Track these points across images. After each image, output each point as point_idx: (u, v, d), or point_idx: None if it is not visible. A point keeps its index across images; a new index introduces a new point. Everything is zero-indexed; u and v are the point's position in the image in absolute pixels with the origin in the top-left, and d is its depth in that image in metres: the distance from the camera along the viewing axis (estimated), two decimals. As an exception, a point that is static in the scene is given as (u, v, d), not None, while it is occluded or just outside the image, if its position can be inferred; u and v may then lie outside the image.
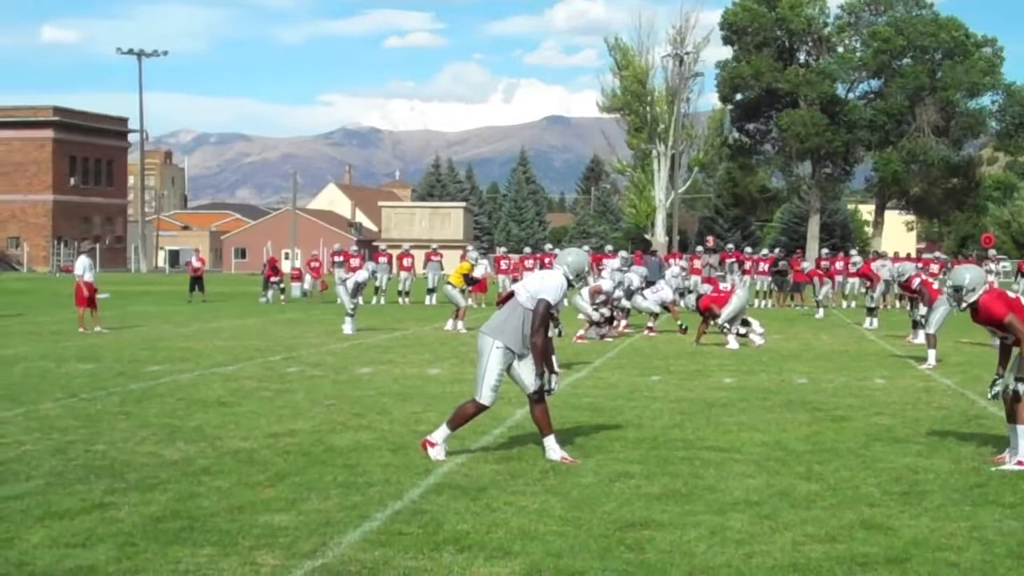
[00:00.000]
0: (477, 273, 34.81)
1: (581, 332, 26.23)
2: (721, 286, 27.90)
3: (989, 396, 11.70)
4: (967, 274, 11.68)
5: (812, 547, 7.96)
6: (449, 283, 29.52)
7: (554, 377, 11.22)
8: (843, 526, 8.51)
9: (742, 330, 25.36)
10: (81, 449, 11.30)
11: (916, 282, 24.46)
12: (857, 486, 9.88)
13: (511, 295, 11.33)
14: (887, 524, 8.58)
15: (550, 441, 11.02)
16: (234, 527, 8.30)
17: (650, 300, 28.96)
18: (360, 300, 28.54)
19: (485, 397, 10.98)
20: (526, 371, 11.09)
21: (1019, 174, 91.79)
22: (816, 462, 10.92)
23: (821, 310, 38.26)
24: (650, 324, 28.93)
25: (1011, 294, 11.73)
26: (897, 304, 40.52)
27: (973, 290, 11.48)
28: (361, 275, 28.99)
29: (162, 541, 7.93)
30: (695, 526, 8.44)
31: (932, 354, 21.07)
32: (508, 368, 11.09)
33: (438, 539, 8.04)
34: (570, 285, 11.33)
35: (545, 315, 10.97)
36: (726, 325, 25.08)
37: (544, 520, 8.56)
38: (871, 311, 33.25)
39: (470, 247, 34.53)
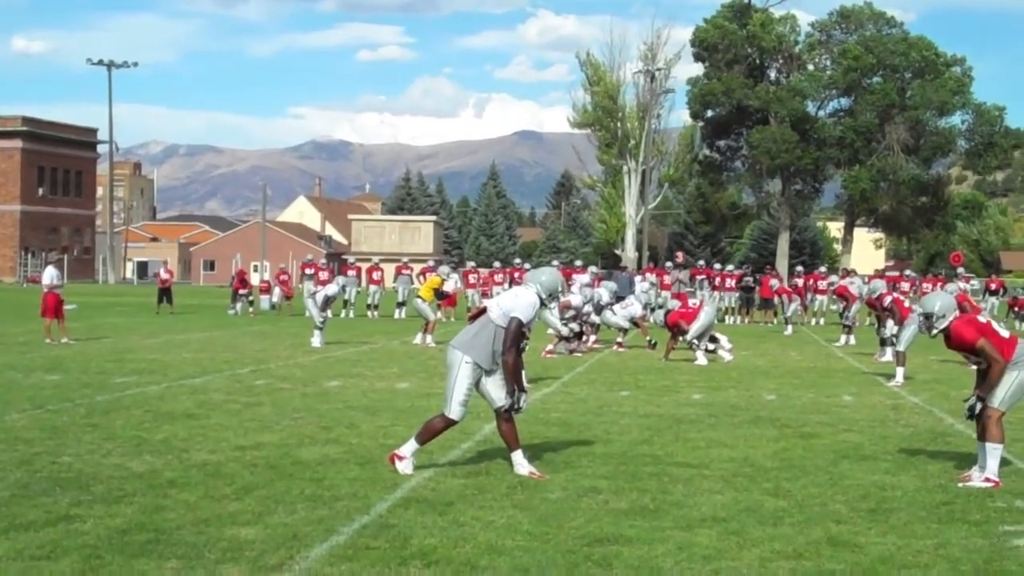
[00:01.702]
0: (447, 287, 34.71)
1: (550, 347, 26.21)
2: (691, 302, 27.91)
3: (964, 417, 11.74)
4: (937, 301, 11.78)
5: (779, 564, 7.97)
6: (419, 297, 29.50)
7: (523, 396, 11.18)
8: (810, 543, 8.52)
9: (710, 346, 25.47)
10: (47, 461, 11.23)
11: (888, 300, 24.54)
12: (825, 503, 9.90)
13: (483, 311, 11.31)
14: (854, 541, 8.60)
15: (518, 456, 11.02)
16: (200, 540, 8.26)
17: (619, 315, 28.94)
18: (329, 313, 28.45)
19: (454, 412, 10.99)
20: (494, 387, 11.11)
21: (987, 193, 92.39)
22: (784, 479, 10.95)
23: (790, 327, 38.39)
24: (619, 339, 28.95)
25: (982, 318, 11.81)
26: (866, 321, 40.60)
27: (943, 317, 11.57)
28: (331, 289, 28.92)
29: (128, 554, 7.89)
30: (663, 542, 8.44)
31: (900, 372, 21.15)
32: (477, 383, 11.09)
33: (405, 554, 8.01)
34: (543, 304, 11.33)
35: (517, 333, 10.99)
36: (694, 341, 25.14)
37: (512, 535, 8.55)
38: (848, 329, 33.33)
39: (440, 261, 34.49)
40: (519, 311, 11.01)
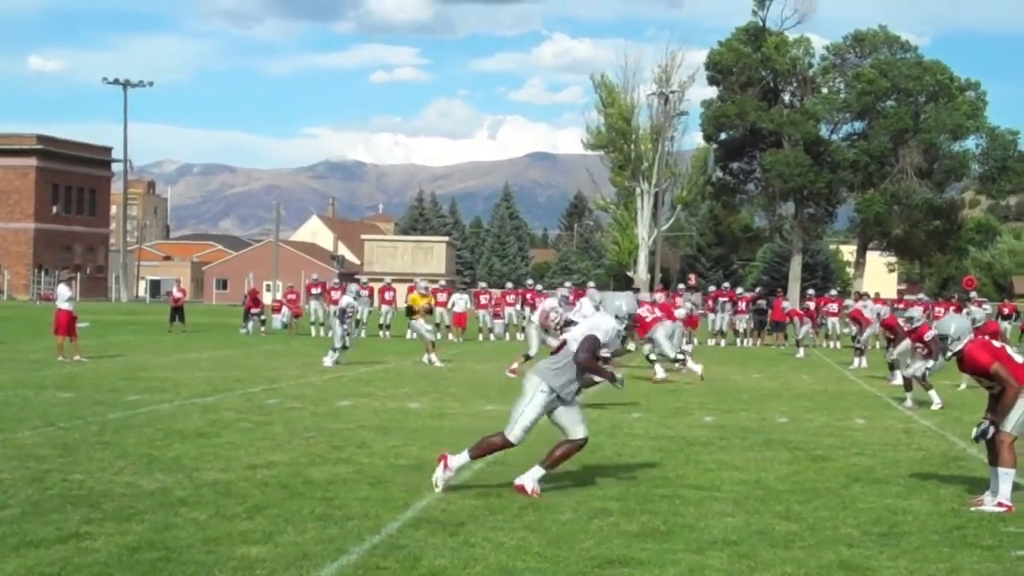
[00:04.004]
0: (457, 308, 34.62)
1: (515, 365, 26.01)
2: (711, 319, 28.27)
3: (972, 437, 11.72)
4: (952, 324, 11.85)
5: (790, 587, 7.95)
6: (411, 319, 29.54)
7: (619, 372, 11.77)
8: (822, 566, 8.50)
9: (681, 357, 26.45)
10: (58, 478, 11.24)
11: (929, 334, 23.90)
12: (836, 526, 9.88)
13: (561, 344, 11.52)
14: (866, 565, 8.58)
15: (538, 471, 10.99)
16: (210, 559, 8.26)
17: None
18: (348, 327, 28.28)
19: (515, 435, 11.16)
20: (569, 418, 11.33)
21: (1001, 217, 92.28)
22: (796, 502, 10.92)
23: (802, 349, 38.33)
24: None
25: (996, 343, 11.80)
26: (877, 344, 40.50)
27: (958, 339, 11.60)
28: (344, 300, 28.80)
29: (138, 572, 7.90)
30: (674, 564, 8.42)
31: (933, 395, 20.85)
32: (550, 413, 11.27)
33: (415, 574, 8.02)
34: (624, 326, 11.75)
35: (592, 345, 11.18)
36: (652, 356, 26.31)
37: (522, 556, 8.53)
38: (860, 352, 33.42)
39: (420, 280, 34.36)
40: (598, 331, 11.29)
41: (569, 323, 28.09)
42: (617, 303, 25.31)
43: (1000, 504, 10.72)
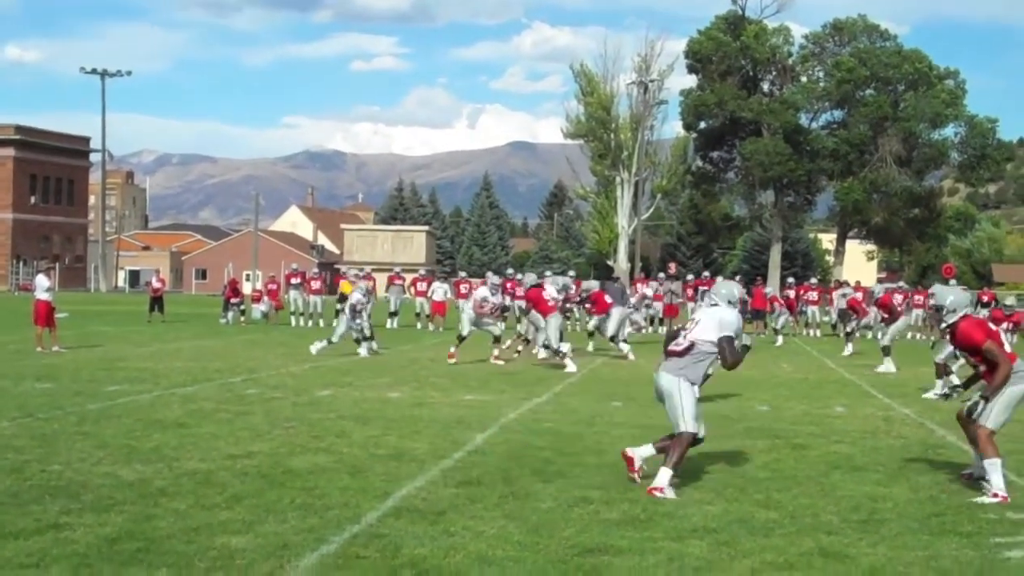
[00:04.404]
0: (436, 297, 34.64)
1: (452, 350, 26.73)
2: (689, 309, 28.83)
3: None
4: (950, 295, 11.78)
5: (770, 574, 7.97)
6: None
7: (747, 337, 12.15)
8: (801, 554, 8.52)
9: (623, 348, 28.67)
10: (37, 469, 11.20)
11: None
12: (816, 514, 9.90)
13: (689, 348, 11.52)
14: (845, 552, 8.60)
15: (667, 474, 10.92)
16: (190, 549, 8.25)
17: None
18: (361, 322, 28.16)
19: (691, 426, 11.13)
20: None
21: (980, 205, 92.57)
22: (775, 490, 10.94)
23: (780, 337, 38.41)
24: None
25: (992, 326, 11.79)
26: (868, 335, 40.53)
27: (954, 311, 11.57)
28: (354, 296, 28.65)
29: (117, 562, 7.87)
30: (654, 552, 8.44)
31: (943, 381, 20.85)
32: (663, 402, 11.55)
33: (396, 563, 8.00)
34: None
35: (732, 346, 11.33)
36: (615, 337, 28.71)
37: (502, 545, 8.54)
38: (849, 336, 33.82)
39: (348, 268, 34.33)
40: (730, 330, 11.40)
41: (505, 308, 28.66)
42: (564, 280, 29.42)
43: (995, 495, 10.71)
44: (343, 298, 30.34)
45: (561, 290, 29.27)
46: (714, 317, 11.57)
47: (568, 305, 30.90)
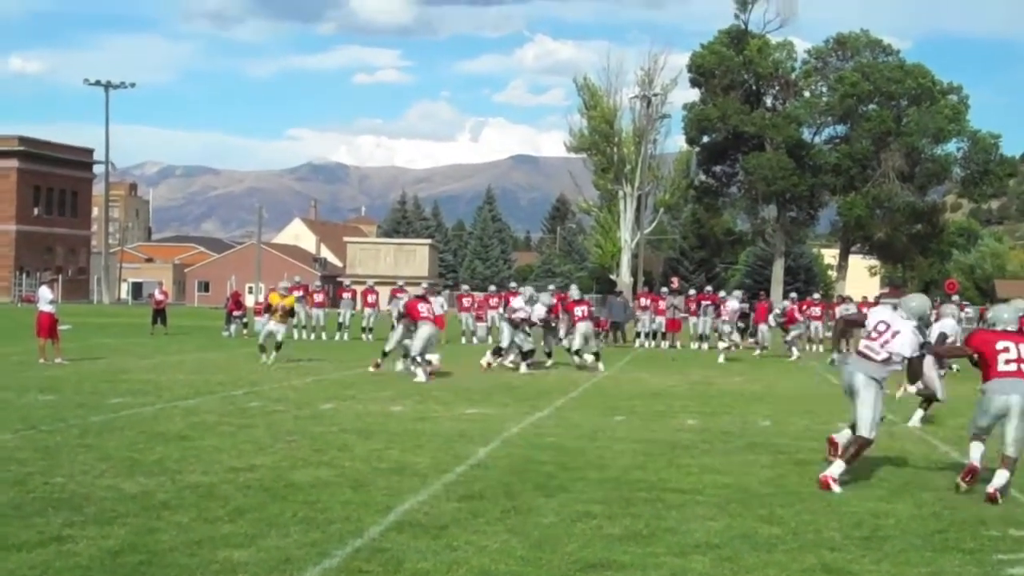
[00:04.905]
0: (437, 310, 34.54)
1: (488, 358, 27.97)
2: (691, 322, 28.83)
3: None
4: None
5: (773, 591, 7.96)
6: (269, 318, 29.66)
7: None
8: (804, 570, 8.51)
9: (576, 359, 29.37)
10: (39, 481, 11.20)
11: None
12: (819, 530, 9.89)
13: (887, 357, 12.31)
14: (848, 569, 8.59)
15: (840, 466, 11.99)
16: (193, 562, 8.24)
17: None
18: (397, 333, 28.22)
19: (874, 433, 12.30)
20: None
21: (983, 221, 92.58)
22: (778, 505, 10.93)
23: (795, 351, 38.38)
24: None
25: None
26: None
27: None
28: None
29: (120, 575, 7.87)
30: (656, 568, 8.43)
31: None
32: (852, 397, 12.41)
33: (398, 577, 8.01)
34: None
35: (921, 368, 12.52)
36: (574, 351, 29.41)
37: (505, 560, 8.53)
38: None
39: (283, 280, 34.25)
40: (905, 349, 12.24)
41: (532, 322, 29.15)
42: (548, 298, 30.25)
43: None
44: (269, 308, 30.17)
45: (529, 301, 29.54)
46: (909, 335, 12.29)
47: (552, 319, 31.03)
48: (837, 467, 11.80)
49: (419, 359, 25.46)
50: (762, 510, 10.68)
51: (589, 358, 29.58)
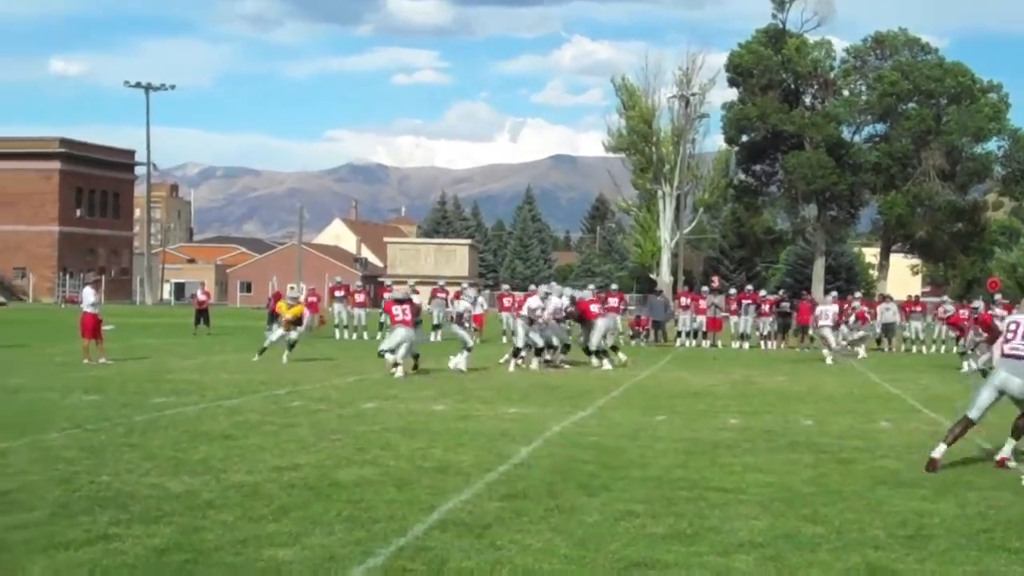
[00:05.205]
0: (476, 310, 34.85)
1: (508, 358, 28.18)
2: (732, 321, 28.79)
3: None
4: None
5: (818, 589, 7.94)
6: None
7: None
8: (848, 569, 8.49)
9: (595, 361, 29.23)
10: (85, 480, 11.28)
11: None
12: (863, 529, 9.85)
13: None
14: (892, 568, 8.56)
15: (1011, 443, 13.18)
16: (238, 561, 8.29)
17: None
18: (466, 330, 28.33)
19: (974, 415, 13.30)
20: None
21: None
22: (821, 504, 10.89)
23: (862, 348, 38.27)
24: (547, 357, 29.25)
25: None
26: (901, 348, 40.37)
27: None
28: (461, 305, 28.86)
29: (166, 574, 7.94)
30: (700, 567, 8.42)
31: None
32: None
33: (442, 576, 8.03)
34: None
35: None
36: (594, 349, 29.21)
37: (548, 559, 8.54)
38: (963, 355, 33.50)
39: (291, 289, 34.37)
40: None
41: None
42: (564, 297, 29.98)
43: None
44: (273, 318, 30.33)
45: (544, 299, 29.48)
46: None
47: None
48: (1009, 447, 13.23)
49: (390, 349, 26.02)
50: (805, 509, 10.65)
51: (618, 358, 29.96)
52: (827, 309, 37.59)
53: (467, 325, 28.46)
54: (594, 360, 29.58)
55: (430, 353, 33.24)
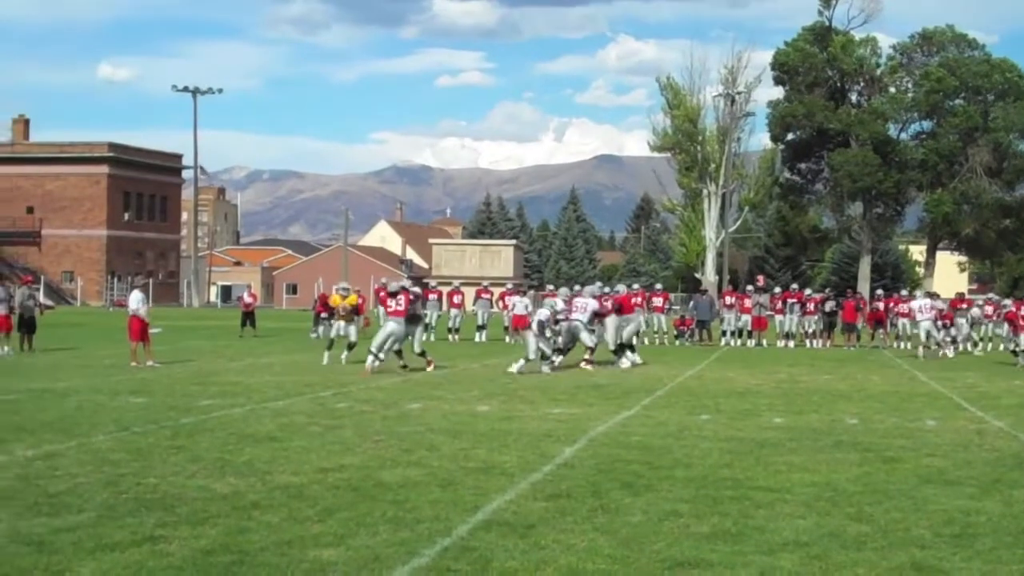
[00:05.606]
0: (517, 311, 34.66)
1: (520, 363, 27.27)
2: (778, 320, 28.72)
3: None
4: None
5: (862, 589, 7.91)
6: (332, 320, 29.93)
7: None
8: (894, 568, 8.46)
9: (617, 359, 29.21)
10: (132, 482, 11.36)
11: None
12: (908, 528, 9.81)
13: None
14: (939, 567, 8.52)
15: None
16: (283, 562, 8.33)
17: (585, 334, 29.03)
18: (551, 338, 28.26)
19: None
20: None
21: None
22: (866, 503, 10.85)
23: (951, 349, 38.05)
24: (587, 356, 29.03)
25: None
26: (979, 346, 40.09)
27: None
28: (543, 313, 28.30)
29: (212, 575, 7.98)
30: (745, 566, 8.41)
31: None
32: None
33: (486, 576, 8.05)
34: None
35: None
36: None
37: (592, 559, 8.54)
38: (1016, 354, 33.77)
39: (343, 284, 34.32)
40: None
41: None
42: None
43: None
44: (331, 311, 30.30)
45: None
46: None
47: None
48: None
49: (375, 352, 26.42)
50: (850, 508, 10.62)
51: (625, 362, 29.77)
52: (924, 303, 37.52)
53: (548, 335, 28.00)
54: (623, 361, 29.50)
55: (474, 354, 33.27)
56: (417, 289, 30.43)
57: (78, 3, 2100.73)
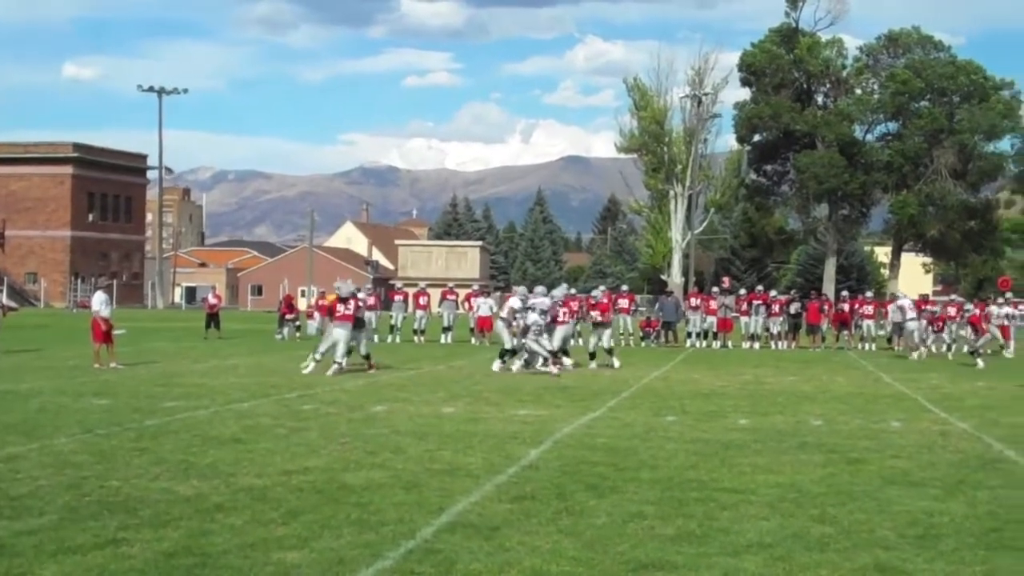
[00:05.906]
0: (481, 312, 34.67)
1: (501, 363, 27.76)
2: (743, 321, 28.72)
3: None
4: None
5: (826, 590, 7.93)
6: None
7: None
8: (857, 569, 8.48)
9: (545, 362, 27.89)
10: (95, 485, 11.30)
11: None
12: (872, 529, 9.85)
13: None
14: (902, 568, 8.55)
15: None
16: (247, 564, 8.30)
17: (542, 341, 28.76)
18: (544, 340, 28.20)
19: None
20: None
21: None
22: (830, 505, 10.89)
23: (980, 360, 37.68)
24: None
25: None
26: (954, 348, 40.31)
27: None
28: (531, 317, 28.11)
29: (174, 578, 7.95)
30: (709, 568, 8.42)
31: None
32: None
33: (451, 578, 8.03)
34: None
35: None
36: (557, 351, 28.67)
37: (557, 560, 8.54)
38: (975, 353, 35.02)
39: (339, 281, 34.20)
40: None
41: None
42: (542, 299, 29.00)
43: None
44: (332, 311, 30.32)
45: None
46: None
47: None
48: None
49: (317, 356, 26.65)
50: (815, 509, 10.65)
51: (568, 361, 29.82)
52: (904, 303, 37.73)
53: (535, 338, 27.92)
54: (565, 361, 29.46)
55: (440, 356, 33.26)
56: (364, 296, 30.56)
57: (43, 1, 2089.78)
